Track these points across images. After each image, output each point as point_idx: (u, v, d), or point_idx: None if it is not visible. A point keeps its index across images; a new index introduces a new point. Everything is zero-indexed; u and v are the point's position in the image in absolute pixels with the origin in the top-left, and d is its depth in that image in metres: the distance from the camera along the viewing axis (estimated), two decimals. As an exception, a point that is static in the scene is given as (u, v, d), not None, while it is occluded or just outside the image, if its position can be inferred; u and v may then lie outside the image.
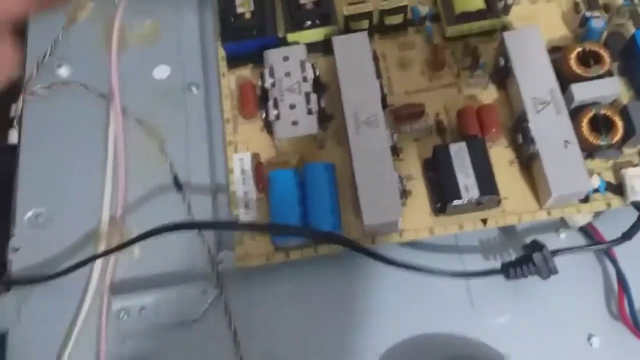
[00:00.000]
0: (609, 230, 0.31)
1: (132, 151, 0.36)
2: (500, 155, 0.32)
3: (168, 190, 0.35)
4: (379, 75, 0.33)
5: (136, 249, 0.33)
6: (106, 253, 0.32)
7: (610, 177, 0.32)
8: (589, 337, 0.31)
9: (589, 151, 0.31)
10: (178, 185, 0.35)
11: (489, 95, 0.34)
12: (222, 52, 0.36)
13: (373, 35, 0.36)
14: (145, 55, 0.39)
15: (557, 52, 0.34)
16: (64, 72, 0.39)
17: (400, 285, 0.32)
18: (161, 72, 0.39)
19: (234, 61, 0.36)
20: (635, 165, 0.31)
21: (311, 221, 0.30)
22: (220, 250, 0.33)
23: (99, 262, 0.33)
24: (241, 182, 0.33)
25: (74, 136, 0.37)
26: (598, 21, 0.33)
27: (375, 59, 0.34)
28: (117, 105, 0.37)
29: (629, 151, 0.32)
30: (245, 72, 0.36)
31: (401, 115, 0.33)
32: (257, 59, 0.35)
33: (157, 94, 0.38)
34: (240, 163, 0.33)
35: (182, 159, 0.35)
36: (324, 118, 0.33)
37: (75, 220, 0.34)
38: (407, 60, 0.35)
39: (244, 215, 0.32)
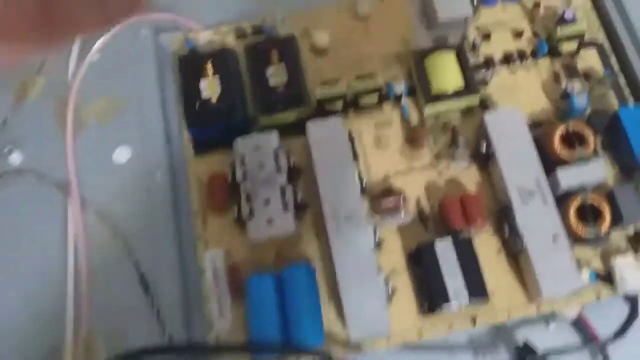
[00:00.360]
0: (601, 319, 0.30)
1: (94, 248, 0.33)
2: (486, 245, 0.31)
3: (134, 292, 0.32)
4: (355, 156, 0.31)
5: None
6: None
7: (598, 264, 0.31)
8: None
9: (577, 239, 0.30)
10: (145, 285, 0.33)
11: (470, 177, 0.32)
12: (187, 136, 0.34)
13: (347, 113, 0.34)
14: (103, 135, 0.36)
15: (538, 128, 0.33)
16: (15, 158, 0.36)
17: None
18: (121, 154, 0.36)
19: (201, 147, 0.34)
20: (623, 252, 0.30)
21: (292, 330, 0.28)
22: (195, 361, 0.31)
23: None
24: (214, 285, 0.31)
25: (29, 231, 0.34)
26: (580, 98, 0.32)
27: (351, 139, 0.32)
28: (75, 198, 0.34)
29: (616, 234, 0.31)
30: (214, 158, 0.33)
31: (381, 208, 0.31)
32: (226, 144, 0.33)
33: (118, 180, 0.35)
34: (212, 262, 0.31)
35: (149, 255, 0.33)
36: (300, 209, 0.31)
37: (34, 334, 0.32)
38: (384, 138, 0.34)
39: (218, 323, 0.30)
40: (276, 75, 0.33)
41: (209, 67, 0.34)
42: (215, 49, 0.35)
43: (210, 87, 0.33)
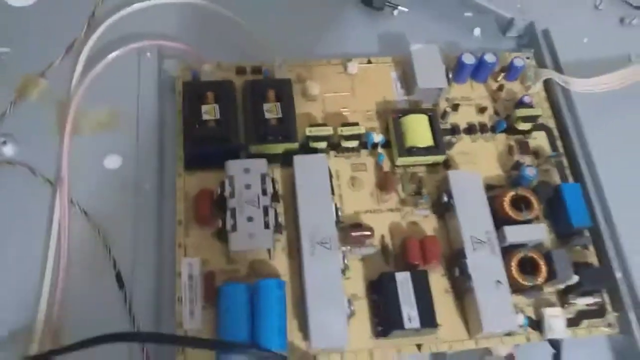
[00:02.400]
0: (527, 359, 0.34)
1: (76, 243, 0.35)
2: (437, 283, 0.35)
3: (110, 287, 0.34)
4: (333, 191, 0.35)
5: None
6: (38, 357, 0.30)
7: (531, 312, 0.35)
8: None
9: (515, 288, 0.34)
10: (120, 282, 0.34)
11: (429, 224, 0.37)
12: (180, 152, 0.37)
13: (328, 152, 0.38)
14: (98, 142, 0.39)
15: (491, 190, 0.37)
16: (8, 150, 0.38)
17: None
18: (113, 162, 0.38)
19: (192, 164, 0.37)
20: (553, 305, 0.35)
21: (258, 338, 0.31)
22: (159, 359, 0.32)
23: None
24: (188, 288, 0.33)
25: (14, 221, 0.36)
26: (531, 170, 0.37)
27: (330, 176, 0.36)
28: (64, 193, 0.36)
29: (548, 289, 0.35)
30: (202, 176, 0.37)
31: (351, 238, 0.35)
32: (215, 165, 0.36)
33: (107, 184, 0.37)
34: (188, 268, 0.34)
35: (128, 257, 0.35)
36: (277, 230, 0.35)
37: (7, 314, 0.33)
38: (358, 180, 0.38)
39: (188, 324, 0.32)
40: (271, 111, 0.37)
41: (211, 94, 0.37)
42: (217, 80, 0.39)
43: (210, 112, 0.36)
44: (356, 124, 0.38)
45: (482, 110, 0.41)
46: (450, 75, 0.40)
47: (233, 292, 0.32)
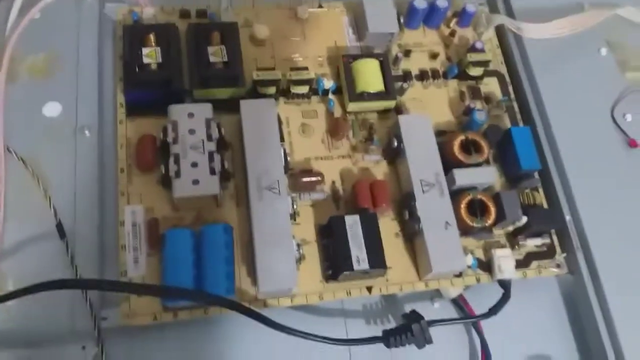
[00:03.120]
0: (476, 301, 0.35)
1: (13, 192, 0.34)
2: (387, 227, 0.35)
3: (51, 238, 0.33)
4: (282, 139, 0.34)
5: (12, 301, 0.31)
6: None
7: (480, 254, 0.35)
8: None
9: (465, 230, 0.34)
10: (61, 232, 0.33)
11: (380, 169, 0.36)
12: (121, 98, 0.35)
13: (278, 99, 0.37)
14: (35, 89, 0.37)
15: (442, 136, 0.37)
16: (-61, 98, 0.36)
17: (287, 349, 0.33)
18: (52, 109, 0.37)
19: (133, 110, 0.35)
20: (502, 246, 0.35)
21: (205, 283, 0.30)
22: (103, 306, 0.31)
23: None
24: (132, 236, 0.32)
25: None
26: (481, 114, 0.37)
27: (279, 122, 0.35)
28: (0, 141, 0.34)
29: (497, 232, 0.36)
30: (145, 122, 0.35)
31: (301, 183, 0.34)
32: (158, 111, 0.34)
33: (46, 132, 0.36)
34: (132, 216, 0.33)
35: (69, 206, 0.34)
36: (224, 177, 0.34)
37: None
38: (309, 127, 0.37)
39: (132, 271, 0.31)
40: (216, 54, 0.36)
41: (152, 37, 0.36)
42: (160, 22, 0.37)
43: (151, 55, 0.35)
44: (306, 68, 0.37)
45: (434, 56, 0.40)
46: (402, 21, 0.39)
47: (178, 238, 0.31)
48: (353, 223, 0.32)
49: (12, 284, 0.32)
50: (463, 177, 0.34)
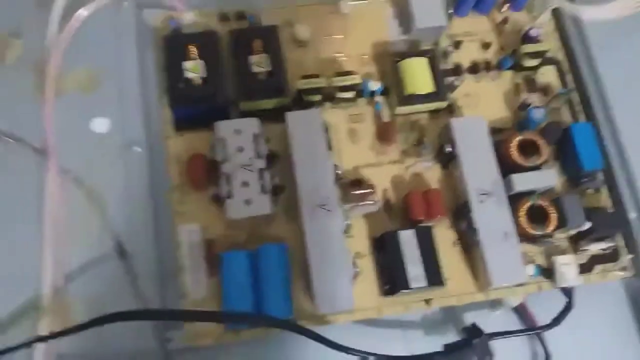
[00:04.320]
0: (538, 309, 0.34)
1: (71, 214, 0.34)
2: (444, 236, 0.34)
3: (111, 259, 0.33)
4: (329, 147, 0.33)
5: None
6: (50, 337, 0.30)
7: (541, 261, 0.34)
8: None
9: (525, 237, 0.33)
10: (121, 253, 0.34)
11: (433, 174, 0.35)
12: (166, 114, 0.35)
13: (324, 104, 0.36)
14: (82, 105, 0.36)
15: (497, 134, 0.36)
16: (-8, 121, 0.36)
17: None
18: (100, 125, 0.36)
19: (180, 125, 0.35)
20: (564, 252, 0.34)
21: (263, 305, 0.30)
22: (168, 328, 0.32)
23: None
24: (189, 257, 0.32)
25: (4, 196, 0.34)
26: (538, 112, 0.35)
27: (326, 129, 0.34)
28: (54, 162, 0.34)
29: (559, 236, 0.34)
30: (193, 137, 0.35)
31: (352, 197, 0.33)
32: (205, 124, 0.34)
33: (96, 150, 0.36)
34: (188, 236, 0.33)
35: (125, 225, 0.34)
36: (275, 192, 0.33)
37: (12, 290, 0.32)
38: (356, 132, 0.36)
39: (194, 294, 0.32)
40: (259, 64, 0.34)
41: (193, 48, 0.35)
42: (200, 31, 0.36)
43: (194, 69, 0.34)
44: (351, 72, 0.35)
45: (486, 46, 0.38)
46: (451, 11, 0.37)
47: (234, 261, 0.31)
48: (407, 239, 0.32)
49: (80, 310, 0.32)
50: (522, 182, 0.33)
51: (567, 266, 0.33)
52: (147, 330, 0.32)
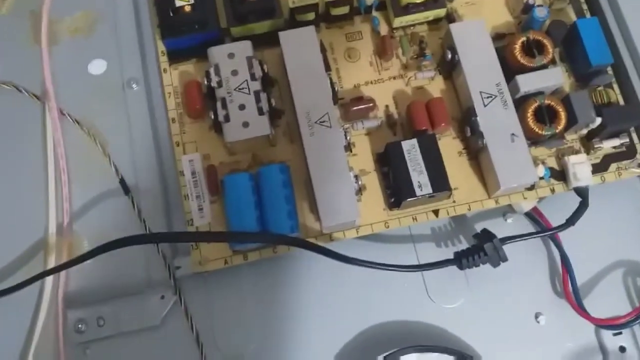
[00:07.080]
0: (552, 213, 0.33)
1: (73, 155, 0.34)
2: (449, 146, 0.33)
3: (116, 195, 0.34)
4: (328, 67, 0.33)
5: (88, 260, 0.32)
6: (58, 269, 0.30)
7: (553, 163, 0.33)
8: (537, 316, 0.33)
9: (534, 140, 0.32)
10: (125, 189, 0.34)
11: (436, 86, 0.34)
12: (161, 47, 0.35)
13: (319, 25, 0.35)
14: (78, 48, 0.37)
15: (500, 39, 0.34)
16: (-8, 70, 0.36)
17: (358, 280, 0.33)
18: (97, 66, 0.37)
19: (175, 56, 0.34)
20: (576, 152, 0.33)
21: (268, 224, 0.30)
22: (175, 256, 0.32)
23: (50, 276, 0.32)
24: (193, 185, 0.32)
25: (7, 141, 0.35)
26: (541, 10, 0.33)
27: (323, 50, 0.33)
28: (53, 105, 0.35)
29: (570, 137, 0.33)
30: (188, 67, 0.34)
31: (352, 112, 0.32)
32: (199, 54, 0.34)
33: (95, 91, 0.36)
34: (190, 165, 0.33)
35: (127, 161, 0.34)
36: (274, 115, 0.33)
37: (20, 232, 0.33)
38: (354, 50, 0.35)
39: (198, 220, 0.32)
40: (248, -14, 0.34)
41: (182, -23, 0.34)
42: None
43: (183, -3, 0.34)
44: (345, -14, 0.34)
45: (484, -50, 0.37)
46: None
47: (236, 183, 0.31)
48: (411, 147, 0.31)
49: (87, 244, 0.33)
50: (527, 82, 0.32)
51: (580, 165, 0.32)
52: (154, 260, 0.32)
